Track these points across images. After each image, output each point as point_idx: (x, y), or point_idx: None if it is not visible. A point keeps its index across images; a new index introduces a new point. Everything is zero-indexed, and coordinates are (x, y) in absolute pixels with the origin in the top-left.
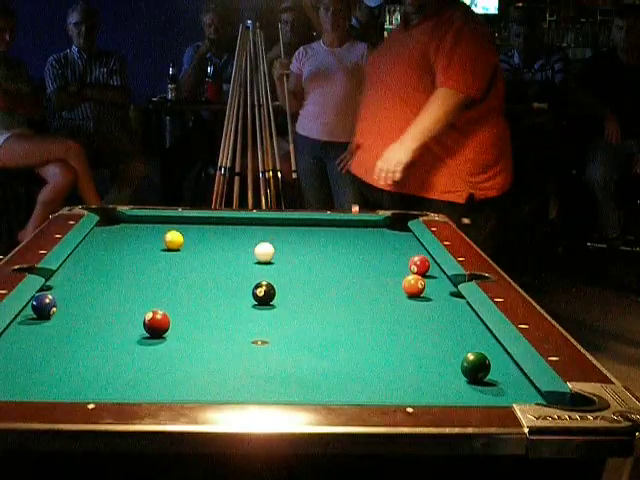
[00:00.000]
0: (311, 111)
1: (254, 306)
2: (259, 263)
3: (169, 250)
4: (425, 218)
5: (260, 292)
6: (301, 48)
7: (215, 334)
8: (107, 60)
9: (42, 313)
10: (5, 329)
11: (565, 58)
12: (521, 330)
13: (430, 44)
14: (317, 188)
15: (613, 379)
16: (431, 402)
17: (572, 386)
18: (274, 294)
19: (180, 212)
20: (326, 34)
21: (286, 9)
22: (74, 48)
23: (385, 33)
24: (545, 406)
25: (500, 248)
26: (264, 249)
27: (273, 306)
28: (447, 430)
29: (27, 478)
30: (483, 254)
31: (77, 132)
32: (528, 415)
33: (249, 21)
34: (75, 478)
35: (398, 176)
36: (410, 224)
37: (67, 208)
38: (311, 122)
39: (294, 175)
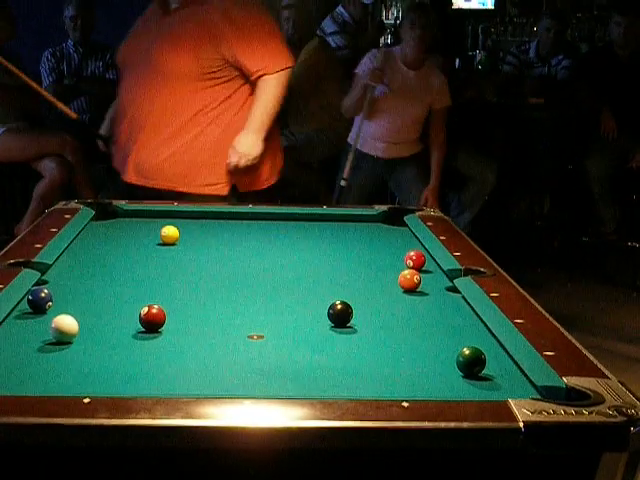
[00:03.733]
0: (380, 130)
1: (255, 303)
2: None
3: (165, 244)
4: (421, 213)
5: (335, 311)
6: (375, 50)
7: (211, 328)
8: (103, 54)
9: (38, 307)
10: (1, 323)
11: (575, 57)
12: (516, 325)
13: (208, 32)
14: (366, 198)
15: (608, 374)
16: (426, 396)
17: (567, 381)
18: (351, 314)
19: (176, 206)
20: (407, 51)
21: (287, 6)
22: (70, 42)
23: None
24: (540, 401)
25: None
26: (63, 324)
27: (275, 301)
28: (442, 424)
29: (22, 472)
30: (479, 249)
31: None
32: (523, 410)
33: None
34: (70, 472)
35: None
36: (406, 219)
37: (63, 202)
38: (378, 142)
39: (343, 183)
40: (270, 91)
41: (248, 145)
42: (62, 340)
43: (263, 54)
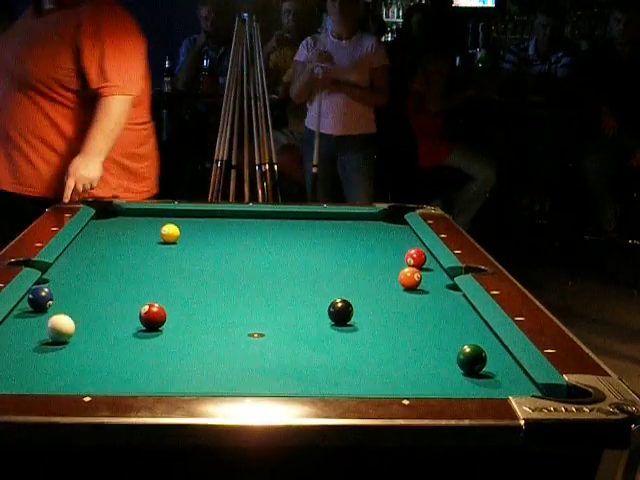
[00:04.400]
0: (325, 104)
1: (255, 301)
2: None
3: (165, 243)
4: (422, 211)
5: (335, 310)
6: (309, 38)
7: (211, 327)
8: None
9: (38, 306)
10: (1, 322)
11: (575, 54)
12: (517, 322)
13: (69, 39)
14: (329, 183)
15: (609, 371)
16: (427, 394)
17: (568, 378)
18: (351, 312)
19: (176, 205)
20: (334, 26)
21: None
22: None
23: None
24: (541, 398)
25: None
26: (60, 323)
27: (276, 300)
28: (443, 422)
29: (23, 471)
30: (479, 247)
31: None
32: (524, 407)
33: (245, 14)
34: (71, 471)
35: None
36: (407, 217)
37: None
38: (322, 117)
39: (315, 170)
40: (109, 113)
41: (86, 169)
42: (58, 340)
43: (112, 71)
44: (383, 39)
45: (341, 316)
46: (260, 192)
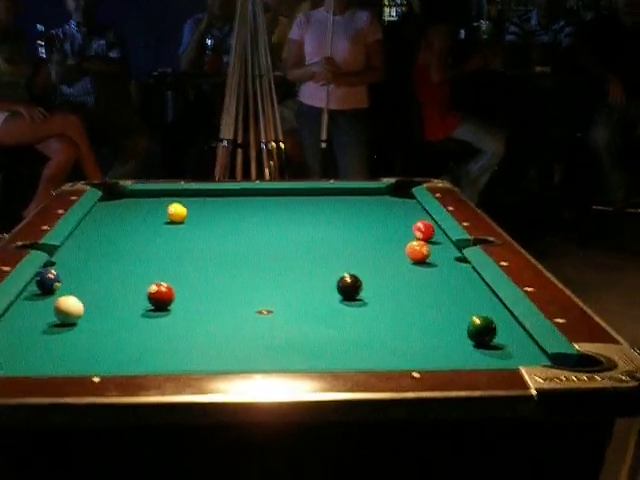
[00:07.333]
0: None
1: (265, 278)
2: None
3: (173, 223)
4: (429, 184)
5: (344, 285)
6: (302, 15)
7: (220, 305)
8: (106, 33)
9: (46, 288)
10: (10, 305)
11: (578, 23)
12: (527, 293)
13: None
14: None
15: (620, 339)
16: (437, 367)
17: (579, 347)
18: (360, 287)
19: (183, 185)
20: (329, 3)
21: None
22: (72, 22)
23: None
24: (552, 368)
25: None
26: (67, 304)
27: (284, 277)
28: (454, 394)
29: (33, 452)
30: (488, 219)
31: (78, 108)
32: (535, 377)
33: None
34: (81, 451)
35: None
36: (414, 191)
37: (69, 184)
38: (317, 91)
39: (324, 145)
40: None
41: None
42: (67, 321)
43: None
44: (387, 13)
45: (350, 291)
46: (267, 170)
